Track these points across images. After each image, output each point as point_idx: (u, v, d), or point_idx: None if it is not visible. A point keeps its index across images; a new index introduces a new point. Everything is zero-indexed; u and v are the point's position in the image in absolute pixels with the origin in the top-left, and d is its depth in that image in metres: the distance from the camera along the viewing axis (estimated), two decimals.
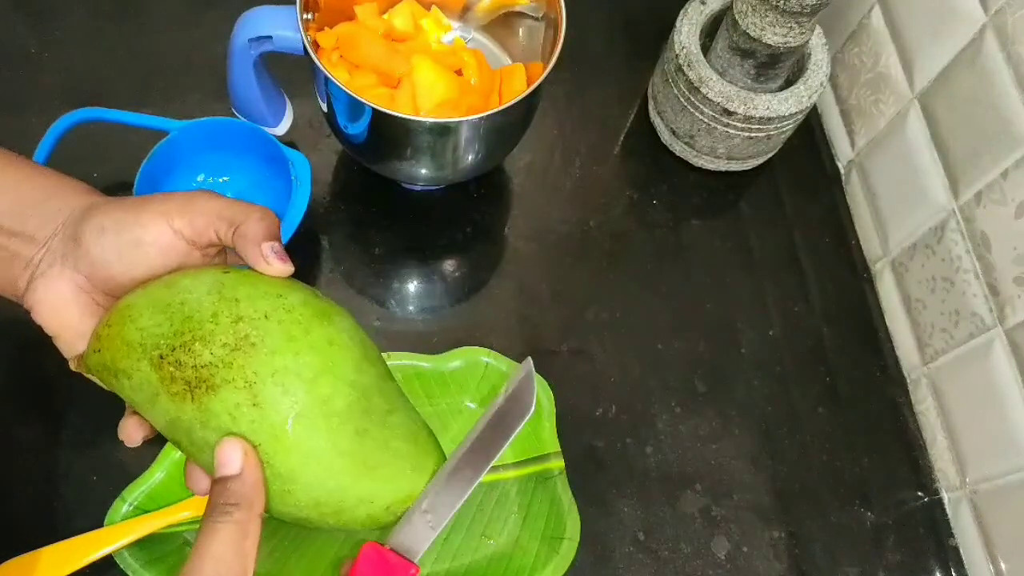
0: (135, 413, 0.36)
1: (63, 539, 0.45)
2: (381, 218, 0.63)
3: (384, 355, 0.45)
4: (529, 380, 0.37)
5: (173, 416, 0.33)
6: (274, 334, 0.33)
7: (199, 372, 0.32)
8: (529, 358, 0.38)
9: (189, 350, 0.32)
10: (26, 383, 0.54)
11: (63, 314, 0.35)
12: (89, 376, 0.36)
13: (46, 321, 0.35)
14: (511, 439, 0.36)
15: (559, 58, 0.52)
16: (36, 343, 0.55)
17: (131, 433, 0.36)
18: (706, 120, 0.62)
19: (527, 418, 0.36)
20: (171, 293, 0.34)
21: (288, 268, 0.34)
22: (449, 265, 0.62)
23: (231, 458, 0.31)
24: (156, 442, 0.49)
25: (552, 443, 0.52)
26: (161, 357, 0.32)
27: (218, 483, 0.32)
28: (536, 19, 0.59)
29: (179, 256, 0.35)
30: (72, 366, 0.36)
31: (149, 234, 0.34)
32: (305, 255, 0.60)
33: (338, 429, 0.33)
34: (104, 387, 0.36)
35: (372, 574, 0.34)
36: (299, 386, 0.32)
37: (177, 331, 0.33)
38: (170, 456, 0.49)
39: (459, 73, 0.58)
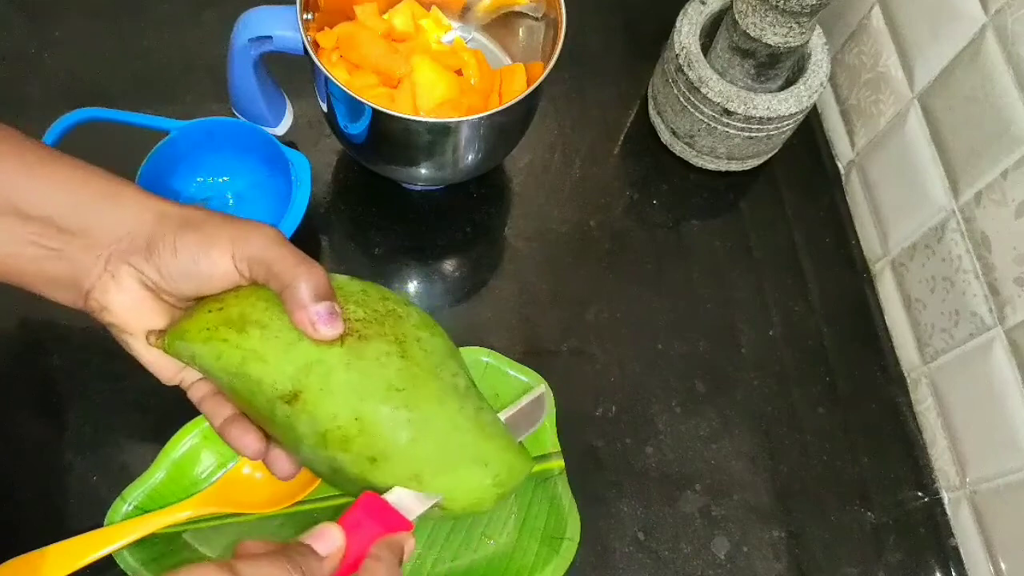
0: (232, 422, 0.37)
1: (63, 539, 0.45)
2: (381, 218, 0.63)
3: None
4: (541, 402, 0.41)
5: (313, 358, 0.34)
6: (415, 316, 0.38)
7: (351, 324, 0.35)
8: (545, 384, 0.41)
9: (343, 308, 0.35)
10: (26, 383, 0.54)
11: (140, 311, 0.37)
12: (154, 354, 0.37)
13: (123, 320, 0.37)
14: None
15: (559, 58, 0.52)
16: (36, 343, 0.55)
17: (245, 439, 0.37)
18: (706, 120, 0.62)
19: (533, 430, 0.41)
20: None
21: (336, 332, 0.34)
22: (449, 265, 0.62)
23: (332, 539, 0.32)
24: (156, 442, 0.49)
25: (552, 443, 0.52)
26: None
27: (303, 545, 0.32)
28: (536, 19, 0.59)
29: (234, 283, 0.36)
30: (149, 340, 0.37)
31: (217, 268, 0.35)
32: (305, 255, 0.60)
33: (464, 400, 0.36)
34: (171, 371, 0.38)
35: (366, 520, 0.34)
36: (436, 358, 0.36)
37: None
38: (170, 456, 0.49)
39: (459, 73, 0.58)
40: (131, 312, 0.36)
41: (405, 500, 0.35)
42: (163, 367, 0.39)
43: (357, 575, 0.33)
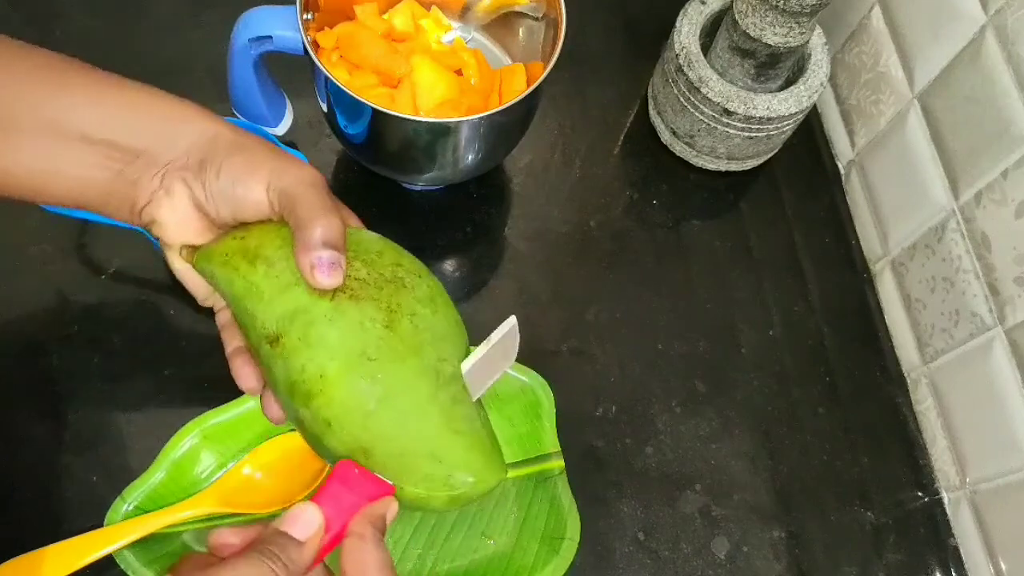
0: (240, 352, 0.38)
1: (63, 539, 0.45)
2: (381, 218, 0.63)
3: None
4: (513, 334, 0.39)
5: (299, 306, 0.34)
6: (422, 289, 0.37)
7: (350, 281, 0.35)
8: (513, 316, 0.39)
9: (350, 263, 0.35)
10: (26, 383, 0.54)
11: (188, 227, 0.38)
12: (187, 270, 0.39)
13: (170, 232, 0.38)
14: (493, 382, 0.38)
15: (559, 58, 0.52)
16: (36, 343, 0.55)
17: (243, 370, 0.38)
18: (706, 120, 0.62)
19: (509, 364, 0.39)
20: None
21: (331, 283, 0.34)
22: (449, 265, 0.62)
23: (308, 521, 0.31)
24: (156, 442, 0.49)
25: (552, 443, 0.52)
26: None
27: (279, 534, 0.31)
28: (536, 19, 0.59)
29: (265, 214, 0.37)
30: (182, 254, 0.39)
31: (251, 194, 0.36)
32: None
33: (441, 387, 0.35)
34: (204, 292, 0.40)
35: (343, 491, 0.33)
36: (427, 336, 0.35)
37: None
38: (170, 456, 0.49)
39: (459, 73, 0.58)
40: (179, 227, 0.38)
41: None
42: (197, 285, 0.40)
43: (342, 558, 0.32)
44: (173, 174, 0.37)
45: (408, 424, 0.34)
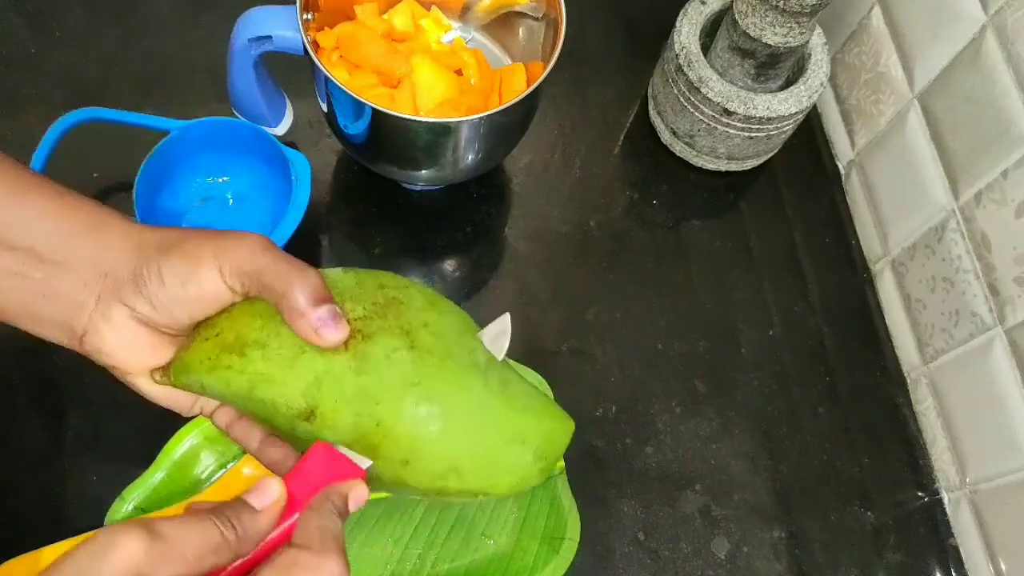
0: (267, 445, 0.36)
1: (63, 539, 0.45)
2: (381, 218, 0.63)
3: None
4: (506, 331, 0.38)
5: (319, 371, 0.33)
6: (417, 298, 0.35)
7: (353, 325, 0.33)
8: (507, 314, 0.39)
9: (340, 308, 0.33)
10: (26, 383, 0.54)
11: (138, 349, 0.35)
12: (164, 391, 0.36)
13: (120, 360, 0.35)
14: None
15: (559, 58, 0.52)
16: (36, 344, 0.55)
17: (283, 465, 0.36)
18: (706, 120, 0.62)
19: (500, 359, 0.38)
20: None
21: (342, 335, 0.33)
22: (449, 265, 0.62)
23: (268, 492, 0.31)
24: (156, 442, 0.49)
25: None
26: None
27: (238, 500, 0.31)
28: (536, 19, 0.59)
29: (227, 302, 0.35)
30: (155, 379, 0.36)
31: (206, 289, 0.34)
32: (305, 255, 0.60)
33: (487, 376, 0.34)
34: (187, 404, 0.37)
35: (313, 470, 0.32)
36: (449, 337, 0.34)
37: None
38: (170, 456, 0.49)
39: (459, 73, 0.58)
40: (128, 351, 0.35)
41: None
42: (178, 401, 0.38)
43: (295, 528, 0.31)
44: (108, 296, 0.34)
45: (479, 424, 0.34)
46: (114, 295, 0.34)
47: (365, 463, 0.33)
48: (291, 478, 0.32)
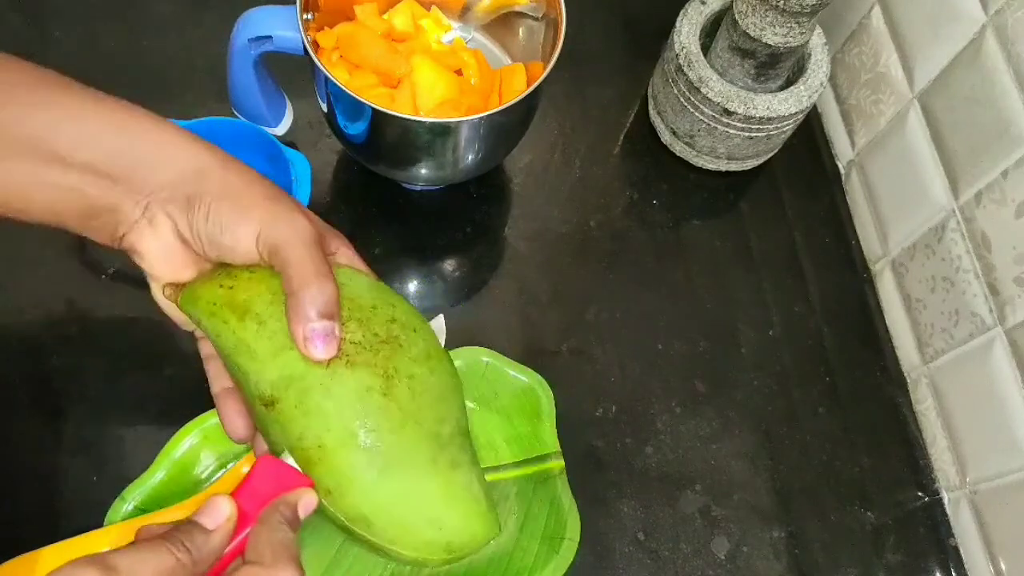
0: (229, 395, 0.37)
1: (63, 539, 0.45)
2: (381, 218, 0.63)
3: None
4: (441, 332, 0.40)
5: (295, 372, 0.33)
6: (418, 346, 0.36)
7: (345, 346, 0.34)
8: (441, 315, 0.41)
9: (343, 324, 0.34)
10: (26, 383, 0.54)
11: (170, 260, 0.37)
12: (170, 306, 0.38)
13: (153, 264, 0.37)
14: None
15: (559, 58, 0.52)
16: (36, 343, 0.55)
17: (235, 422, 0.37)
18: (706, 120, 0.62)
19: None
20: (336, 273, 0.36)
21: (326, 355, 0.33)
22: (449, 265, 0.62)
23: (218, 511, 0.31)
24: (156, 442, 0.49)
25: (552, 443, 0.52)
26: None
27: (189, 522, 0.31)
28: (536, 19, 0.59)
29: (254, 262, 0.36)
30: (165, 293, 0.37)
31: (240, 244, 0.35)
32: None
33: (440, 452, 0.35)
34: (183, 321, 0.38)
35: (261, 485, 0.33)
36: (425, 399, 0.35)
37: None
38: (170, 456, 0.49)
39: (459, 73, 0.58)
40: (161, 259, 0.37)
41: None
42: (180, 318, 0.39)
43: (247, 542, 0.32)
44: (157, 206, 0.36)
45: (408, 494, 0.34)
46: (164, 206, 0.35)
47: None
48: (240, 493, 0.33)
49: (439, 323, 0.42)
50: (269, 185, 0.37)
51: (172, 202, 0.35)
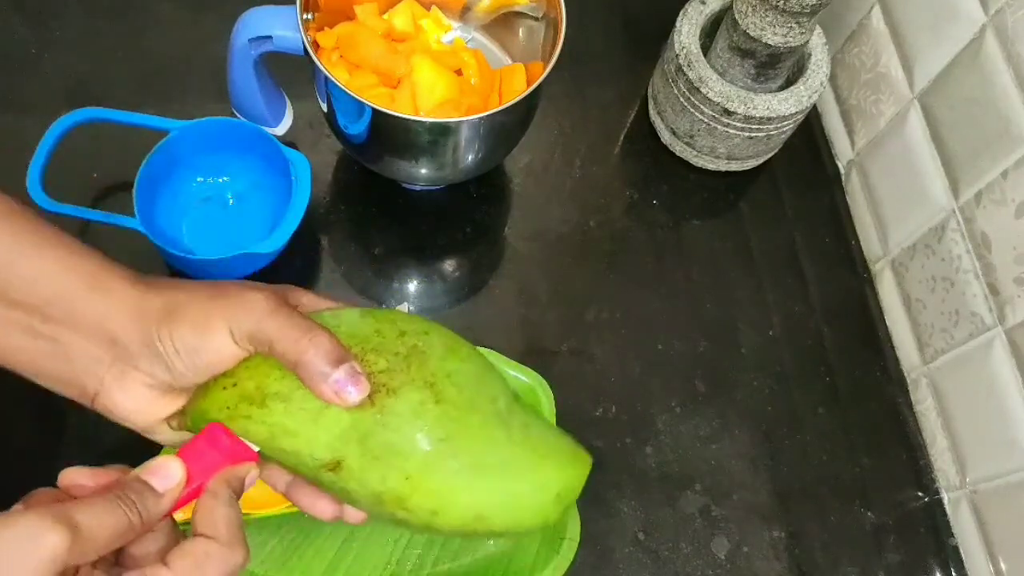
0: (295, 487, 0.36)
1: None
2: (381, 218, 0.63)
3: None
4: None
5: (345, 426, 0.33)
6: (438, 345, 0.35)
7: (376, 378, 0.33)
8: (405, 304, 0.39)
9: (362, 360, 0.33)
10: (26, 383, 0.54)
11: (151, 411, 0.35)
12: (182, 435, 0.36)
13: (134, 422, 0.36)
14: None
15: (559, 58, 0.52)
16: None
17: (317, 505, 0.35)
18: (706, 120, 0.62)
19: None
20: (321, 321, 0.35)
21: (363, 394, 0.33)
22: (449, 265, 0.62)
23: (170, 474, 0.31)
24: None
25: None
26: None
27: (139, 481, 0.31)
28: (536, 19, 0.59)
29: (244, 357, 0.35)
30: (172, 426, 0.36)
31: (223, 353, 0.34)
32: (305, 255, 0.60)
33: (509, 423, 0.35)
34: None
35: (209, 451, 0.33)
36: (472, 386, 0.35)
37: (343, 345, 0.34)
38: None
39: (459, 73, 0.58)
40: (143, 413, 0.35)
41: None
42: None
43: (195, 514, 0.32)
44: (121, 363, 0.34)
45: (505, 475, 0.34)
46: (128, 362, 0.34)
47: (255, 447, 0.34)
48: (187, 455, 0.33)
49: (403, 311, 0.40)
50: (202, 285, 0.35)
51: (134, 356, 0.34)
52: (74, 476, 0.32)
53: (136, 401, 0.35)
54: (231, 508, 0.32)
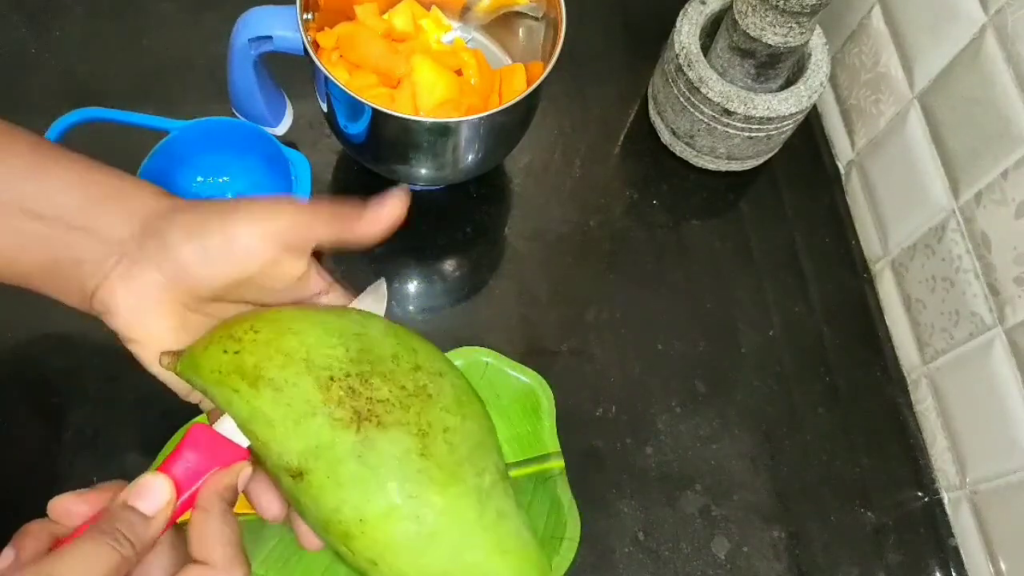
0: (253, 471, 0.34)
1: None
2: None
3: None
4: (380, 293, 0.37)
5: (323, 441, 0.31)
6: (448, 394, 0.33)
7: (373, 406, 0.31)
8: (383, 279, 0.38)
9: (367, 382, 0.32)
10: (26, 383, 0.54)
11: (147, 316, 0.33)
12: (168, 375, 0.34)
13: (126, 323, 0.33)
14: None
15: (559, 58, 0.52)
16: (36, 343, 0.55)
17: (264, 497, 0.34)
18: (706, 120, 0.62)
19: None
20: (343, 321, 0.33)
21: (403, 207, 0.37)
22: (449, 265, 0.62)
23: (157, 495, 0.30)
24: (156, 442, 0.49)
25: (552, 443, 0.52)
26: (332, 379, 0.31)
27: (126, 509, 0.30)
28: (536, 19, 0.59)
29: (268, 262, 0.34)
30: (163, 362, 0.34)
31: (239, 239, 0.33)
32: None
33: (486, 504, 0.33)
34: (186, 389, 0.35)
35: (196, 459, 0.31)
36: (463, 451, 0.32)
37: (354, 359, 0.32)
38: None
39: (459, 73, 0.58)
40: (138, 315, 0.33)
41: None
42: (176, 386, 0.36)
43: (189, 532, 0.30)
44: (131, 257, 0.33)
45: (459, 556, 0.32)
46: (135, 253, 0.33)
47: (245, 441, 0.32)
48: (173, 467, 0.31)
49: (380, 289, 0.38)
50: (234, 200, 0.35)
51: (142, 247, 0.33)
52: (65, 504, 0.31)
53: (135, 299, 0.33)
54: (225, 525, 0.30)
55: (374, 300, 0.37)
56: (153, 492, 0.30)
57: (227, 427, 0.33)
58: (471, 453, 0.33)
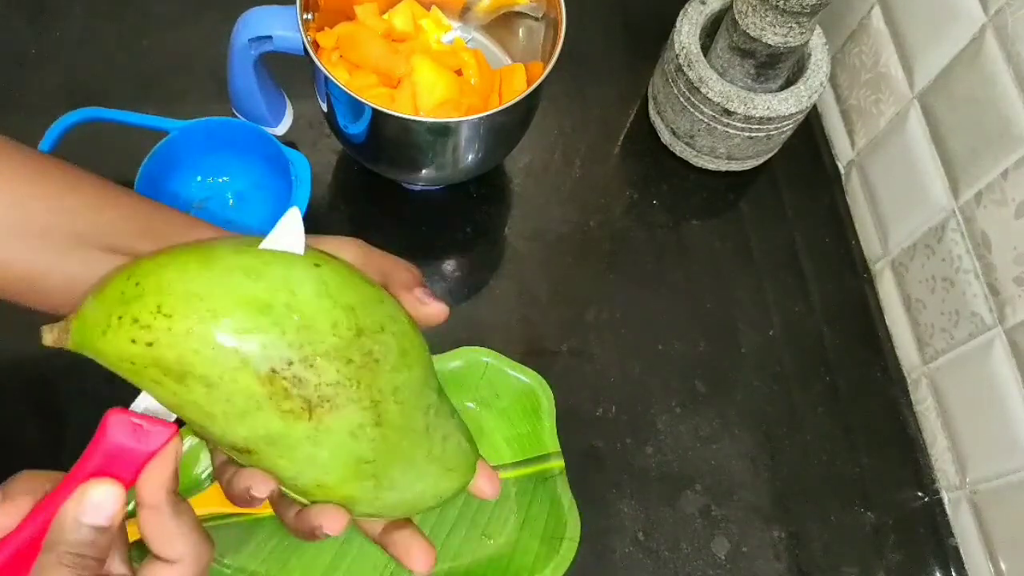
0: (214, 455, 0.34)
1: None
2: (381, 218, 0.63)
3: None
4: (294, 221, 0.32)
5: (273, 431, 0.29)
6: (392, 349, 0.31)
7: (322, 391, 0.29)
8: (295, 208, 0.33)
9: (311, 366, 0.29)
10: (26, 383, 0.54)
11: None
12: (60, 346, 0.31)
13: None
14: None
15: (559, 58, 0.52)
16: (36, 343, 0.55)
17: (259, 484, 0.32)
18: (706, 120, 0.62)
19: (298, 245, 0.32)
20: (266, 290, 0.29)
21: (445, 308, 0.37)
22: (449, 265, 0.62)
23: (102, 507, 0.29)
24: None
25: (552, 443, 0.52)
26: (274, 371, 0.28)
27: (77, 526, 0.29)
28: (536, 19, 0.59)
29: None
30: (46, 340, 0.31)
31: None
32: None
33: (432, 437, 0.34)
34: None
35: (123, 447, 0.29)
36: (413, 399, 0.32)
37: (292, 343, 0.28)
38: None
39: (459, 73, 0.58)
40: None
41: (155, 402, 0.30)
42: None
43: (143, 531, 0.29)
44: None
45: (414, 489, 0.34)
46: None
47: (171, 416, 0.30)
48: (107, 465, 0.29)
49: (295, 219, 0.31)
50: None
51: None
52: (20, 483, 0.31)
53: None
54: (179, 516, 0.29)
55: (290, 236, 0.31)
56: (105, 502, 0.29)
57: (148, 403, 0.30)
58: (418, 399, 0.33)
